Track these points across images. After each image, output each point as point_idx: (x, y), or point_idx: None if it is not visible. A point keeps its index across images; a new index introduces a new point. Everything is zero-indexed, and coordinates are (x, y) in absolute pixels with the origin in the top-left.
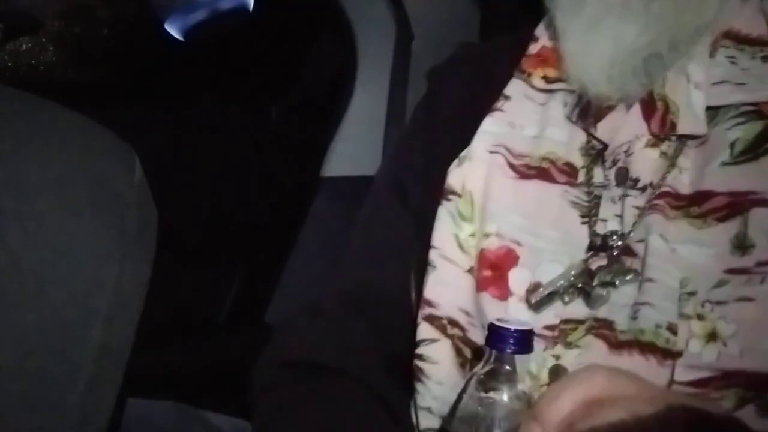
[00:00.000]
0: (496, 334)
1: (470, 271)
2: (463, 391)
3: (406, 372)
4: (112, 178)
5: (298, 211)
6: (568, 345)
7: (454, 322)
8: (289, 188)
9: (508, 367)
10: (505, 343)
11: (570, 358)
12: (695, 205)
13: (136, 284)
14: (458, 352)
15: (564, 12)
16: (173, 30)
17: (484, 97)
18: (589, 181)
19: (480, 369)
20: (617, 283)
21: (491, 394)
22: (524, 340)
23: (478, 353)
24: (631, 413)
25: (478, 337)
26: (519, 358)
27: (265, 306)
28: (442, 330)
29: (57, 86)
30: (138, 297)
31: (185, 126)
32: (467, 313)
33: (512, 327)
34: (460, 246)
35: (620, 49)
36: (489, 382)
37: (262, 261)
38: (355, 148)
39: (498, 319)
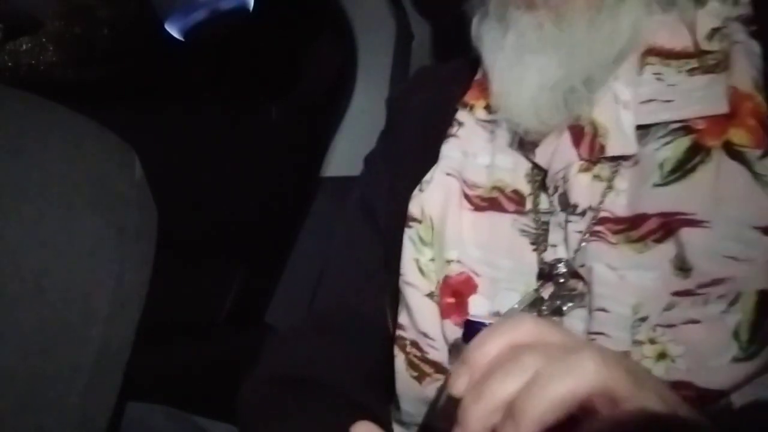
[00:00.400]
0: (471, 329)
1: (430, 295)
2: (444, 387)
3: (388, 387)
4: (112, 178)
5: (298, 211)
6: None
7: (414, 343)
8: (289, 188)
9: None
10: None
11: None
12: (634, 228)
13: (136, 284)
14: (413, 366)
15: (488, 50)
16: (173, 30)
17: (440, 124)
18: (536, 208)
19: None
20: (564, 309)
21: None
22: None
23: (439, 369)
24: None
25: (439, 357)
26: None
27: (265, 306)
28: (402, 348)
29: (57, 86)
30: (138, 297)
31: (185, 126)
32: (426, 335)
33: (486, 321)
34: (421, 270)
35: (543, 83)
36: None
37: (262, 261)
38: (355, 148)
39: (472, 316)
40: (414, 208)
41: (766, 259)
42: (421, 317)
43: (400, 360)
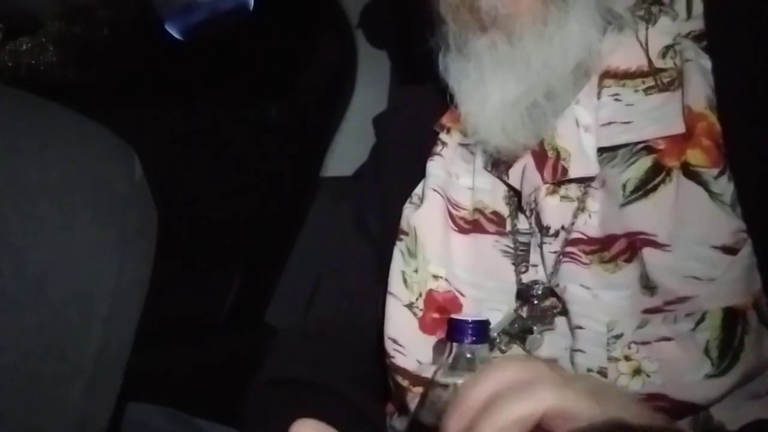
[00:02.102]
0: (454, 327)
1: (409, 305)
2: (431, 383)
3: (381, 388)
4: (112, 178)
5: (298, 211)
6: None
7: (386, 351)
8: (289, 188)
9: (468, 356)
10: (463, 335)
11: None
12: (606, 249)
13: (136, 284)
14: (393, 380)
15: (454, 79)
16: (173, 30)
17: (424, 142)
18: (514, 229)
19: (443, 361)
20: (535, 330)
21: (455, 382)
22: (481, 331)
23: (413, 379)
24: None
25: (406, 363)
26: (478, 348)
27: (265, 306)
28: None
29: (57, 86)
30: (138, 297)
31: (185, 126)
32: (395, 341)
33: (469, 319)
34: (405, 281)
35: (505, 99)
36: (452, 372)
37: (262, 261)
38: (355, 148)
39: (456, 314)
40: (404, 221)
41: (728, 277)
42: (394, 325)
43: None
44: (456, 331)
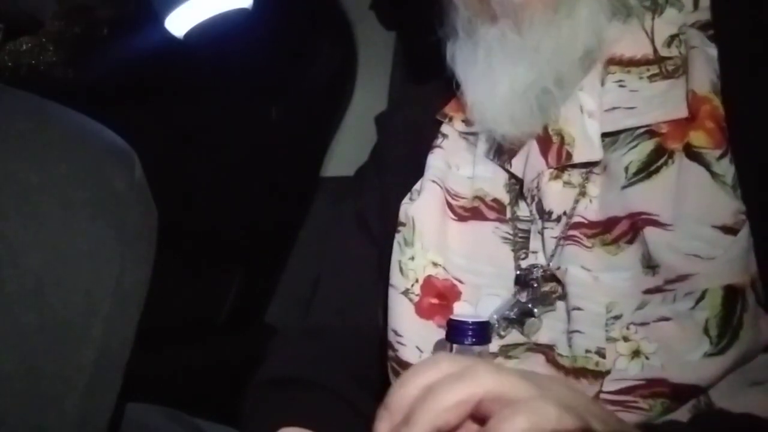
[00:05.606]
0: (454, 328)
1: (405, 292)
2: None
3: (381, 387)
4: (112, 178)
5: (298, 211)
6: (509, 357)
7: (389, 344)
8: (289, 188)
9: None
10: (463, 336)
11: (509, 366)
12: (607, 232)
13: (136, 284)
14: (396, 374)
15: (461, 67)
16: (173, 30)
17: (425, 136)
18: (514, 216)
19: None
20: (536, 312)
21: None
22: (481, 332)
23: None
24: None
25: (409, 356)
26: (478, 349)
27: (265, 306)
28: (388, 353)
29: (57, 86)
30: (138, 297)
31: (185, 125)
32: (396, 332)
33: (469, 320)
34: (401, 270)
35: (515, 88)
36: None
37: (262, 261)
38: (355, 148)
39: (455, 315)
40: (402, 214)
41: (728, 256)
42: (394, 314)
43: (388, 368)
44: (456, 333)
